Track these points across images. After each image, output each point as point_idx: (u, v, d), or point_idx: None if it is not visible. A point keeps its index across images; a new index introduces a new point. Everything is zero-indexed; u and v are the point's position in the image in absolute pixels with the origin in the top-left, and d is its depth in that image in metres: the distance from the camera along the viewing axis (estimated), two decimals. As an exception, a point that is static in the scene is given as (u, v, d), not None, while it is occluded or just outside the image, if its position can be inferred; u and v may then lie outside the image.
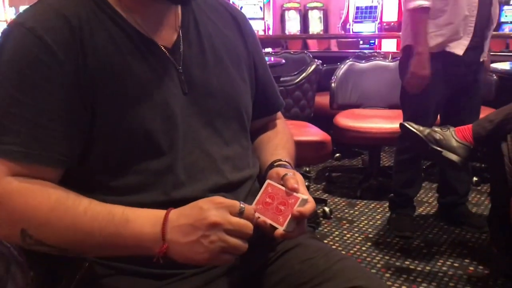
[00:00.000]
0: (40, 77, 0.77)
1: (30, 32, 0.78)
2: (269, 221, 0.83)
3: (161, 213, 0.77)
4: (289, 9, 10.25)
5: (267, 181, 0.88)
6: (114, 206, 0.78)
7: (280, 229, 0.81)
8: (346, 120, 3.01)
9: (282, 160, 0.97)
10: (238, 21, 1.03)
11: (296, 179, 0.87)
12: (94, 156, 0.81)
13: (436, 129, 2.06)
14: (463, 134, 2.02)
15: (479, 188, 3.21)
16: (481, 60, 2.40)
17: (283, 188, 0.86)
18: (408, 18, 2.37)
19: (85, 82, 0.79)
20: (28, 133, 0.76)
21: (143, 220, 0.76)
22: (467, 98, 2.44)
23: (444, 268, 2.19)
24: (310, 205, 0.85)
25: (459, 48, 2.31)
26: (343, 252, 2.26)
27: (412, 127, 2.08)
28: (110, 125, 0.81)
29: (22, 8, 11.87)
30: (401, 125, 2.15)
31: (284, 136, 1.10)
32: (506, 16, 6.14)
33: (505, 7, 6.14)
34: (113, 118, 0.81)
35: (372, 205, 2.96)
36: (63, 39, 0.78)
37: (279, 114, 1.15)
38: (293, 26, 10.28)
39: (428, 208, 2.92)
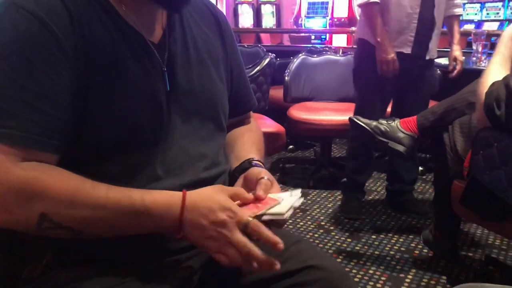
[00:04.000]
0: (42, 61, 0.77)
1: (31, 14, 0.77)
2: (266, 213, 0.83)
3: (177, 202, 0.80)
4: (242, 3, 10.29)
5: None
6: (131, 190, 0.80)
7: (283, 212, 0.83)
8: (299, 112, 3.10)
9: (254, 159, 1.01)
10: (219, 22, 1.06)
11: (268, 186, 0.90)
12: (79, 144, 0.82)
13: (382, 121, 2.17)
14: (408, 125, 2.14)
15: (424, 177, 3.38)
16: (428, 58, 2.54)
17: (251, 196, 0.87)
18: (361, 13, 2.49)
19: (82, 69, 0.80)
20: (28, 117, 0.76)
21: (161, 209, 0.80)
22: (414, 92, 2.58)
23: (392, 252, 2.32)
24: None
25: (406, 45, 2.45)
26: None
27: (360, 120, 2.19)
28: (99, 114, 0.82)
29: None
30: (350, 119, 2.25)
31: (256, 135, 1.14)
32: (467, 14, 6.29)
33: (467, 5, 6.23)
34: (102, 107, 0.82)
35: (324, 194, 3.06)
36: (64, 25, 0.79)
37: (251, 113, 1.18)
38: (246, 20, 10.33)
39: (377, 196, 3.06)
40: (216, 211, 0.80)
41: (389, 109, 2.69)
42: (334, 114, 3.08)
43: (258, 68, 3.07)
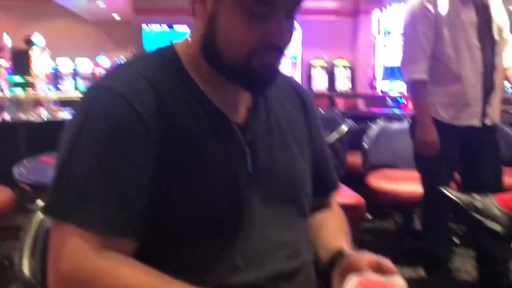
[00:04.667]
0: (130, 145, 0.76)
1: (121, 97, 0.77)
2: None
3: None
4: (316, 66, 10.44)
5: (357, 279, 0.81)
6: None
7: None
8: (379, 181, 2.96)
9: (345, 250, 0.93)
10: (303, 101, 1.02)
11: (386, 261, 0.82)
12: (156, 229, 0.79)
13: (476, 196, 2.00)
14: (506, 203, 1.95)
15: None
16: (490, 124, 2.36)
17: (377, 278, 0.80)
18: (407, 89, 2.38)
19: (166, 151, 0.78)
20: (111, 202, 0.75)
21: None
22: (482, 161, 2.39)
23: None
24: None
25: (474, 118, 2.30)
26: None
27: (451, 193, 2.02)
28: (179, 197, 0.79)
29: (60, 61, 12.19)
30: (439, 191, 2.09)
31: (341, 220, 1.07)
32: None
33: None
34: (182, 190, 0.79)
35: (407, 272, 2.84)
36: (152, 108, 0.78)
37: (334, 197, 1.12)
38: (320, 83, 10.43)
39: (467, 277, 2.79)
40: None
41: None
42: (416, 183, 2.90)
43: (336, 135, 3.01)
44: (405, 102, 6.56)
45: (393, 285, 0.79)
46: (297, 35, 9.49)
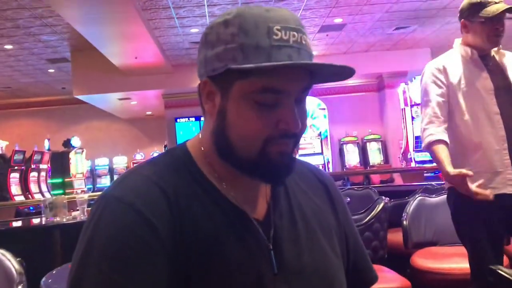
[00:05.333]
0: (142, 258, 0.71)
1: (130, 208, 0.73)
2: None
3: None
4: (347, 143, 10.44)
5: None
6: None
7: None
8: (424, 261, 2.78)
9: None
10: (328, 188, 0.97)
11: None
12: None
13: (533, 272, 1.84)
14: None
15: None
16: None
17: None
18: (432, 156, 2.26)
19: (181, 257, 0.73)
20: None
21: None
22: None
23: None
24: None
25: (506, 185, 2.15)
26: None
27: (504, 272, 1.86)
28: None
29: (98, 161, 12.62)
30: (491, 270, 1.93)
31: None
32: None
33: None
34: None
35: None
36: (163, 214, 0.74)
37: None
38: (352, 158, 10.36)
39: None
40: None
41: None
42: (464, 260, 2.71)
43: (372, 214, 2.88)
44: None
45: None
46: (325, 113, 9.62)
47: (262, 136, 0.76)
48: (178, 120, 10.59)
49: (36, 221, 4.02)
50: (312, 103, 9.56)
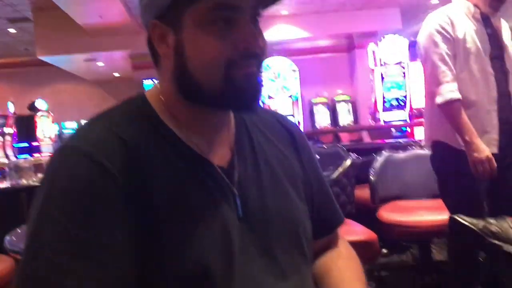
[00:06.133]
0: (101, 210, 0.69)
1: (87, 158, 0.71)
2: None
3: None
4: (317, 104, 10.49)
5: None
6: None
7: None
8: (391, 214, 2.86)
9: None
10: (293, 135, 0.96)
11: None
12: None
13: (491, 220, 1.90)
14: (523, 223, 1.85)
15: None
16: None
17: None
18: (440, 114, 2.28)
19: (143, 210, 0.72)
20: (88, 274, 0.67)
21: None
22: (506, 183, 2.29)
23: None
24: None
25: (491, 145, 2.22)
26: None
27: (464, 220, 1.93)
28: (163, 257, 0.71)
29: (66, 125, 12.36)
30: (452, 219, 2.00)
31: (352, 262, 0.97)
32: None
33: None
34: (167, 248, 0.72)
35: (430, 306, 2.70)
36: (122, 163, 0.72)
37: (340, 233, 1.03)
38: (322, 119, 10.44)
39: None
40: None
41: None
42: (429, 213, 2.79)
43: (340, 170, 2.93)
44: (409, 131, 6.52)
45: None
46: (296, 75, 9.60)
47: (223, 60, 0.74)
48: (146, 81, 10.38)
49: (1, 184, 3.93)
50: (283, 64, 9.49)
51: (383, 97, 7.99)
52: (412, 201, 3.13)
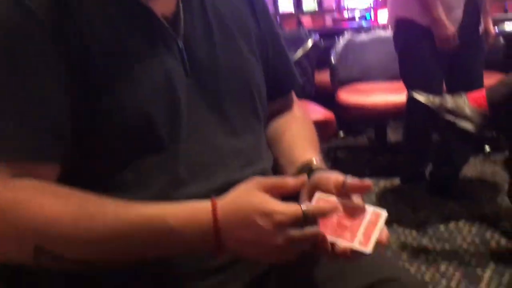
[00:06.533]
0: (26, 52, 0.63)
1: (14, 1, 0.64)
2: (344, 244, 0.65)
3: (206, 215, 0.63)
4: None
5: (317, 194, 0.70)
6: (146, 206, 0.64)
7: (365, 252, 0.64)
8: (348, 96, 2.88)
9: (314, 163, 0.80)
10: None
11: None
12: (83, 149, 0.67)
13: (447, 97, 1.93)
14: (477, 100, 1.88)
15: (492, 158, 3.07)
16: (480, 26, 2.32)
17: (344, 202, 0.69)
18: None
19: (76, 55, 0.65)
20: (16, 121, 0.63)
21: (188, 227, 0.63)
22: (467, 64, 2.34)
23: (465, 245, 2.07)
24: (385, 229, 0.68)
25: (456, 22, 2.23)
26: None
27: (422, 97, 1.94)
28: (102, 109, 0.66)
29: None
30: (409, 97, 2.01)
31: (306, 124, 0.93)
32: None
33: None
34: (105, 100, 0.67)
35: (382, 183, 2.82)
36: (47, 3, 0.64)
37: (295, 97, 0.98)
38: (286, 5, 10.10)
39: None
40: (256, 220, 0.61)
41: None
42: (387, 94, 2.83)
43: (301, 51, 2.87)
44: (373, 18, 6.40)
45: (359, 207, 0.68)
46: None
47: None
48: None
49: None
50: None
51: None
52: (372, 83, 3.15)
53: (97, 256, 0.63)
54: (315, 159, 0.81)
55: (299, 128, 0.92)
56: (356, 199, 0.69)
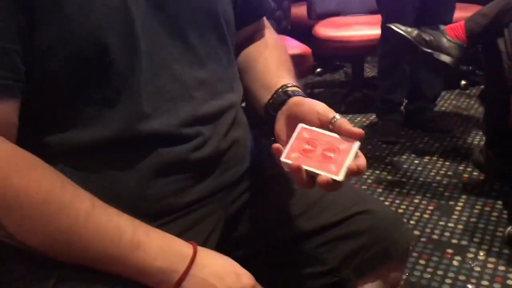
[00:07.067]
0: None
1: None
2: (316, 171, 0.63)
3: (185, 249, 0.62)
4: None
5: (300, 125, 0.68)
6: (122, 217, 0.61)
7: (337, 179, 0.62)
8: (326, 30, 2.80)
9: (290, 86, 0.77)
10: None
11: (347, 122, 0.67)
12: (35, 84, 0.61)
13: (425, 29, 1.89)
14: (455, 32, 1.84)
15: (467, 92, 3.08)
16: None
17: (326, 132, 0.67)
18: None
19: None
20: None
21: (158, 251, 0.60)
22: None
23: (438, 178, 2.10)
24: (363, 158, 0.67)
25: None
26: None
27: (399, 28, 1.89)
28: (52, 36, 0.60)
29: None
30: (387, 27, 1.96)
31: (280, 50, 0.88)
32: None
33: None
34: (55, 25, 0.60)
35: (358, 118, 2.82)
36: None
37: (267, 23, 0.93)
38: None
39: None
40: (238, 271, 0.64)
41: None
42: (365, 28, 2.76)
43: (277, -17, 2.75)
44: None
45: (343, 141, 0.66)
46: None
47: None
48: None
49: None
50: None
51: None
52: (349, 17, 3.06)
53: (51, 247, 0.60)
54: (290, 83, 0.77)
55: (273, 54, 0.87)
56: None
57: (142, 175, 0.66)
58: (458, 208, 1.86)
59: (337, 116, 0.68)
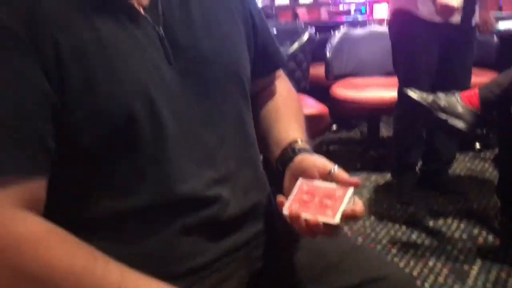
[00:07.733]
0: (3, 64, 0.60)
1: None
2: (313, 217, 0.68)
3: None
4: (277, -21, 10.01)
5: (300, 179, 0.74)
6: (150, 283, 0.62)
7: (332, 222, 0.67)
8: (343, 90, 2.89)
9: (298, 143, 0.81)
10: None
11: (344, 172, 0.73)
12: (65, 160, 0.65)
13: (440, 95, 1.95)
14: (469, 99, 1.90)
15: (481, 155, 3.10)
16: (473, 23, 2.31)
17: (324, 183, 0.73)
18: None
19: (49, 58, 0.62)
20: (5, 136, 0.60)
21: None
22: (459, 61, 2.34)
23: (453, 241, 2.10)
24: (360, 203, 0.71)
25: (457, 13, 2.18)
26: (347, 231, 2.17)
27: (415, 93, 1.96)
28: (82, 112, 0.63)
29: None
30: (402, 92, 2.03)
31: (291, 101, 0.93)
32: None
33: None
34: (86, 104, 0.64)
35: (373, 177, 2.85)
36: (23, 12, 0.61)
37: (282, 74, 0.97)
38: (282, -3, 10.05)
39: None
40: None
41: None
42: (381, 90, 2.84)
43: (297, 44, 2.87)
44: (368, 12, 6.40)
45: (339, 188, 0.71)
46: None
47: None
48: None
49: None
50: None
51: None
52: (366, 78, 3.16)
53: None
54: (300, 139, 0.82)
55: (286, 105, 0.91)
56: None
57: (169, 236, 0.69)
58: (473, 272, 1.86)
59: (335, 168, 0.73)
